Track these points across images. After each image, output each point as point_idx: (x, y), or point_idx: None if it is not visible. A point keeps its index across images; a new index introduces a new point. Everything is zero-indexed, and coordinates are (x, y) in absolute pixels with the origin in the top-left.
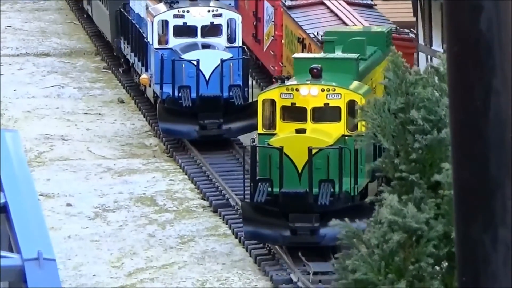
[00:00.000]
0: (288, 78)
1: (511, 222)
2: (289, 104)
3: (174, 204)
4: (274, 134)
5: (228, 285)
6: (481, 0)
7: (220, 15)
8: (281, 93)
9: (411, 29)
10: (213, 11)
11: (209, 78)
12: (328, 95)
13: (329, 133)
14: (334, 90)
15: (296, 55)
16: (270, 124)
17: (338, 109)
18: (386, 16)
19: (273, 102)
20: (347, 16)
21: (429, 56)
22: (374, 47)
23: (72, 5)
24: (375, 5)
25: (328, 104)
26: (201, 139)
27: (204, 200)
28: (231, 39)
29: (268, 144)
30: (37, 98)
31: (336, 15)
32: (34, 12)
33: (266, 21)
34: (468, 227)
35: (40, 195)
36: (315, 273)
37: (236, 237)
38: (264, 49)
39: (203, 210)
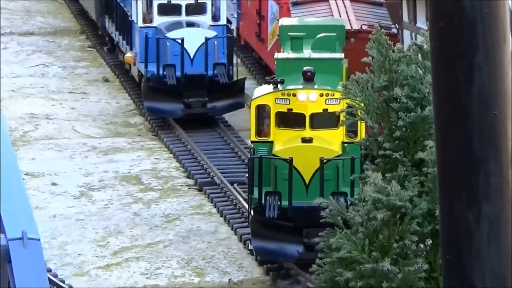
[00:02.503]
0: (282, 82)
1: (495, 198)
2: (286, 110)
3: (159, 183)
4: (269, 142)
5: (214, 264)
6: None
7: None
8: (276, 98)
9: (396, 24)
10: None
11: (193, 57)
12: (327, 100)
13: (330, 141)
14: (333, 94)
15: (277, 55)
16: (264, 131)
17: (337, 114)
18: None
19: (267, 108)
20: (340, 13)
21: (413, 34)
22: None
23: None
24: (383, 3)
25: (327, 109)
26: (186, 117)
27: (189, 178)
28: (215, 17)
29: (273, 155)
30: (22, 77)
31: (333, 12)
32: None
33: (270, 19)
34: (451, 203)
35: (25, 174)
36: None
37: (221, 216)
38: (268, 49)
39: (188, 188)
